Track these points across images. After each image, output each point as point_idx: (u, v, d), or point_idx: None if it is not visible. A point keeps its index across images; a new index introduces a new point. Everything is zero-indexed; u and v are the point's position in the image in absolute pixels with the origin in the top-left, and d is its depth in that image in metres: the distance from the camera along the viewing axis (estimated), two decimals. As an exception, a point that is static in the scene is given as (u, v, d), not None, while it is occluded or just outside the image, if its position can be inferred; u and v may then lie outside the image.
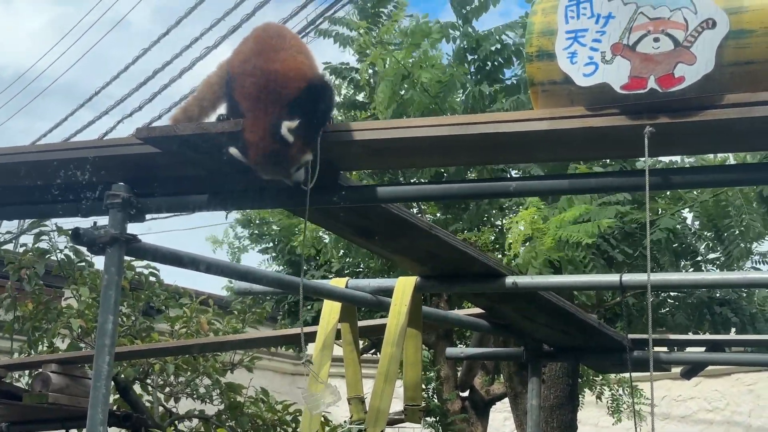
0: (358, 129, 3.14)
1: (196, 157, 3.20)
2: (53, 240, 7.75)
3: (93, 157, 3.33)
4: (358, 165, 3.85)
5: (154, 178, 3.43)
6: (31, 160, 3.48)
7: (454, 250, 4.11)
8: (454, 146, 3.09)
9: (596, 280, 5.02)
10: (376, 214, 3.63)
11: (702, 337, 6.76)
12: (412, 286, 4.50)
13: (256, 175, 3.13)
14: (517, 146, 3.09)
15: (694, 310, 7.89)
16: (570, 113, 2.88)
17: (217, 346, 7.02)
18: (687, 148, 3.52)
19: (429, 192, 3.59)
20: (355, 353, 4.69)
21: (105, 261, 3.24)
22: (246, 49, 3.17)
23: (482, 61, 8.13)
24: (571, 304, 5.17)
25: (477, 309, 5.43)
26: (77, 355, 6.76)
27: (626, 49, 2.82)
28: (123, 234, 3.22)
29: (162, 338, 8.03)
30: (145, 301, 8.13)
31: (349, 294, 4.61)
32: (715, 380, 13.88)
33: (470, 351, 7.44)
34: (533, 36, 3.01)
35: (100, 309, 3.25)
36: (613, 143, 3.03)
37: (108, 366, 3.15)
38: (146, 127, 3.18)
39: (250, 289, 4.93)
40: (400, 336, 4.37)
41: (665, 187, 3.18)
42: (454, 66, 7.86)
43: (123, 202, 3.22)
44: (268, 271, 7.50)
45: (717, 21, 2.73)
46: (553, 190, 4.21)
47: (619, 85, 2.80)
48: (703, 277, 5.25)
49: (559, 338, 5.59)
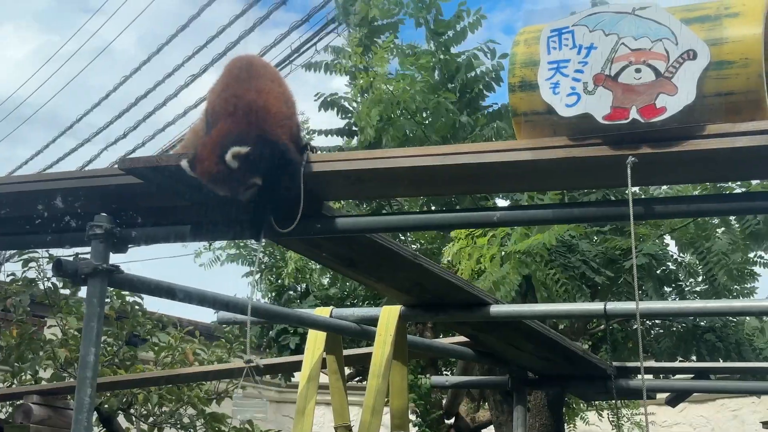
0: (340, 159, 3.14)
1: (179, 188, 3.19)
2: (41, 267, 7.71)
3: (75, 188, 3.32)
4: (342, 195, 3.85)
5: (136, 208, 3.42)
6: (13, 191, 3.46)
7: (437, 278, 4.11)
8: (438, 176, 3.09)
9: (580, 309, 5.02)
10: (359, 243, 3.63)
11: (688, 365, 6.77)
12: (397, 315, 4.48)
13: (238, 206, 3.13)
14: (501, 176, 3.10)
15: (680, 338, 7.91)
16: (553, 143, 2.89)
17: (200, 376, 6.98)
18: (669, 177, 3.53)
19: (412, 222, 3.58)
20: (341, 382, 4.67)
21: (87, 292, 3.22)
22: (220, 83, 3.19)
23: (461, 89, 8.19)
24: (555, 332, 5.17)
25: (462, 337, 5.42)
26: (59, 386, 6.71)
27: (608, 79, 2.83)
28: (105, 265, 3.21)
29: (146, 367, 7.99)
30: (129, 330, 8.08)
31: (333, 323, 4.60)
32: (700, 406, 13.90)
33: (455, 379, 7.41)
34: (516, 66, 3.02)
35: (82, 341, 3.23)
36: (596, 173, 3.04)
37: (90, 398, 3.12)
38: (129, 158, 3.16)
39: (234, 318, 4.91)
40: (386, 368, 4.35)
41: (648, 216, 3.18)
42: (440, 93, 7.90)
43: (105, 233, 3.21)
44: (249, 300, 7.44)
45: (698, 52, 2.75)
46: (536, 220, 4.21)
47: (601, 116, 2.81)
48: (688, 305, 5.25)
49: (543, 366, 5.58)
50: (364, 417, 4.26)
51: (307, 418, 4.36)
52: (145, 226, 3.42)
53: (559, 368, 5.60)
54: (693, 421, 14.12)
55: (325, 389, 4.65)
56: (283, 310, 5.10)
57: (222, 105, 3.09)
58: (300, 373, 4.61)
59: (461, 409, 9.97)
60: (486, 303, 4.41)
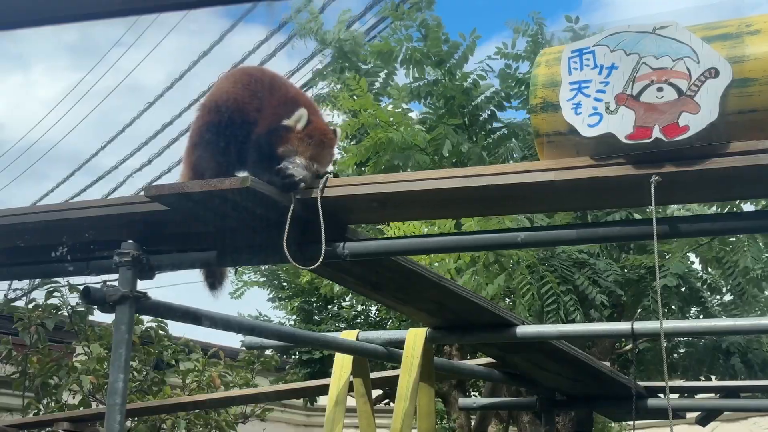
0: (362, 183, 3.16)
1: (204, 214, 3.21)
2: (65, 296, 7.77)
3: (101, 216, 3.35)
4: (365, 218, 3.85)
5: (161, 235, 3.44)
6: (39, 220, 3.49)
7: (463, 300, 4.10)
8: (461, 198, 3.10)
9: (607, 329, 4.99)
10: (384, 266, 3.63)
11: (716, 384, 6.72)
12: (423, 337, 4.48)
13: (263, 231, 3.15)
14: (524, 197, 3.10)
15: (705, 356, 7.86)
16: (576, 164, 2.89)
17: (228, 401, 6.99)
18: (693, 196, 3.52)
19: (435, 244, 3.59)
20: (368, 405, 4.66)
21: (115, 319, 3.24)
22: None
23: (472, 113, 8.23)
24: (582, 353, 5.14)
25: (489, 358, 5.40)
26: (88, 413, 6.73)
27: (630, 99, 2.83)
28: (133, 291, 3.23)
29: (173, 392, 8.01)
30: (155, 356, 8.12)
31: (360, 346, 4.60)
32: (731, 425, 13.75)
33: (483, 401, 7.39)
34: (537, 87, 3.03)
35: (110, 367, 3.24)
36: (619, 192, 3.04)
37: (119, 425, 3.14)
38: (155, 185, 3.19)
39: (260, 343, 4.92)
40: (413, 390, 4.34)
41: (673, 235, 3.17)
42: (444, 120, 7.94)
43: (132, 260, 3.23)
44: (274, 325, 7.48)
45: (720, 70, 2.74)
46: (560, 241, 4.21)
47: (624, 135, 2.81)
48: (714, 323, 5.21)
49: (571, 386, 5.56)
50: (391, 440, 4.25)
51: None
52: (171, 253, 3.44)
53: (587, 388, 5.57)
54: (724, 440, 13.98)
55: (353, 412, 4.65)
56: (310, 334, 5.11)
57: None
58: (327, 396, 4.61)
59: (490, 430, 9.93)
60: (512, 324, 4.40)
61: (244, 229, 3.28)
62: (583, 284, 7.13)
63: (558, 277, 7.09)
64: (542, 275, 7.04)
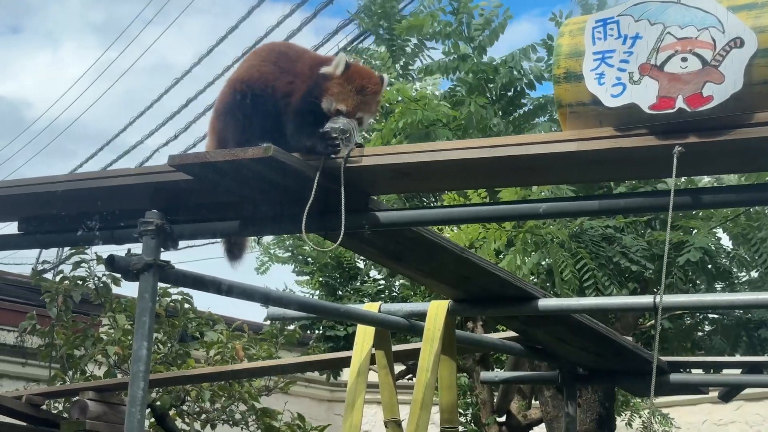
0: (385, 153, 3.16)
1: (228, 184, 3.23)
2: (92, 267, 7.83)
3: (125, 185, 3.37)
4: (387, 189, 3.86)
5: (185, 205, 3.47)
6: (65, 188, 3.52)
7: (485, 273, 4.11)
8: (483, 169, 3.10)
9: (629, 302, 4.98)
10: (406, 238, 3.64)
11: (739, 359, 6.68)
12: (445, 310, 4.49)
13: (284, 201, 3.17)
14: (546, 168, 3.10)
15: (730, 332, 7.81)
16: (599, 134, 2.88)
17: (251, 372, 7.04)
18: (716, 167, 3.50)
19: (458, 215, 3.58)
20: (390, 377, 4.68)
21: (139, 287, 3.27)
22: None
23: (500, 90, 8.20)
24: (605, 327, 5.13)
25: (511, 332, 5.41)
26: (114, 382, 6.80)
27: (654, 69, 2.82)
28: (157, 260, 3.25)
29: (197, 365, 8.07)
30: (180, 328, 8.17)
31: (382, 318, 4.61)
32: (756, 404, 13.69)
33: (505, 375, 7.39)
34: (561, 58, 3.02)
35: (134, 335, 3.28)
36: (642, 163, 3.03)
37: (143, 392, 3.17)
38: (179, 155, 3.21)
39: (283, 314, 4.94)
40: (435, 362, 4.35)
41: (695, 206, 3.17)
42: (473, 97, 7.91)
43: (156, 229, 3.25)
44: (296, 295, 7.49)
45: (745, 40, 2.72)
46: (582, 212, 4.20)
47: (647, 106, 2.80)
48: (737, 297, 5.19)
49: (593, 361, 5.55)
50: (413, 410, 4.27)
51: (356, 413, 4.39)
52: (195, 222, 3.47)
53: (609, 363, 5.56)
54: (749, 419, 13.91)
55: (375, 388, 4.67)
56: (332, 305, 5.14)
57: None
58: (349, 369, 4.63)
59: (512, 406, 9.94)
60: (534, 297, 4.39)
61: (266, 199, 3.30)
62: (616, 257, 7.11)
63: (590, 253, 7.08)
64: (575, 252, 7.02)
